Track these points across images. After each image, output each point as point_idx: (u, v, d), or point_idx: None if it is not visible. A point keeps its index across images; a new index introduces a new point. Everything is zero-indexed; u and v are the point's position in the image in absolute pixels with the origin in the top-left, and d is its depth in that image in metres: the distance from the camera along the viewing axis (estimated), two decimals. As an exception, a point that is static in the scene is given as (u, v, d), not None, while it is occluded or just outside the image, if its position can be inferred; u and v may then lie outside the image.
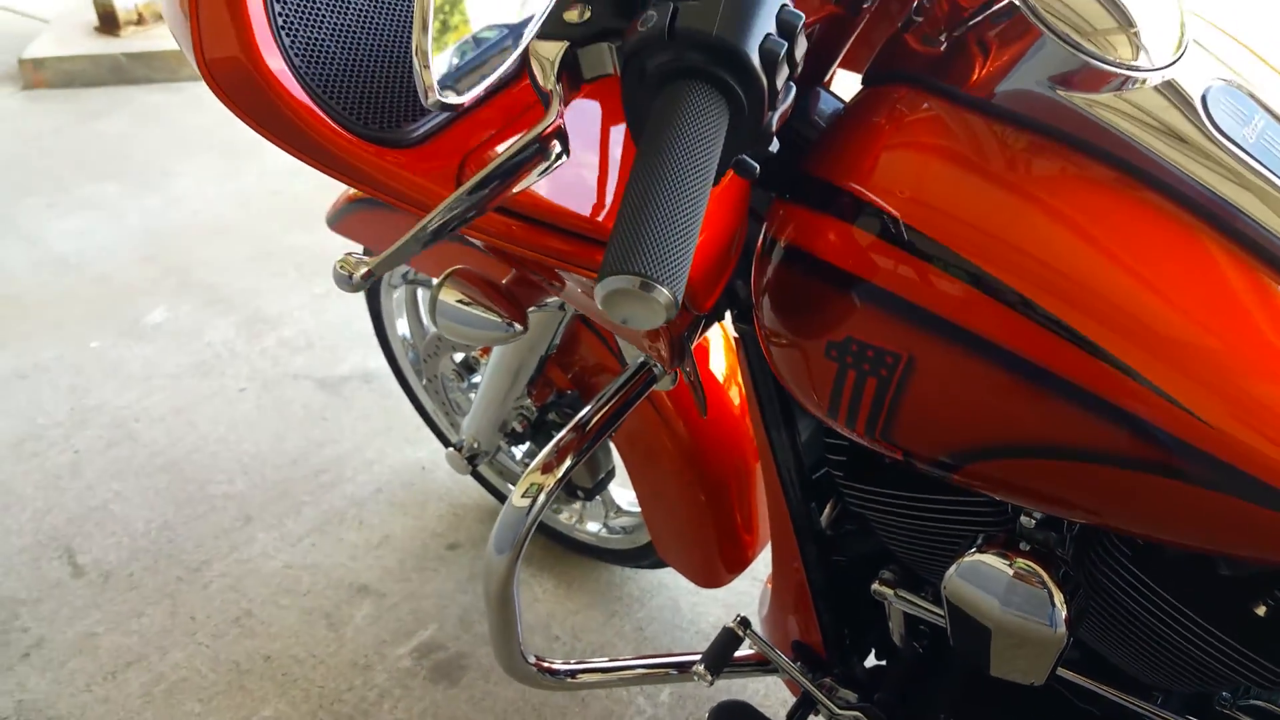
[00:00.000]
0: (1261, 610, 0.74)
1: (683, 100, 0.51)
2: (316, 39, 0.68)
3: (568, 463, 0.97)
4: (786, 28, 0.54)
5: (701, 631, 1.67)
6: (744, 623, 1.17)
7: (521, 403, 1.38)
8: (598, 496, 1.55)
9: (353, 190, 1.36)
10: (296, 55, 0.66)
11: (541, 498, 0.97)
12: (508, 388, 1.31)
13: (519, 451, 1.73)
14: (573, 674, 1.17)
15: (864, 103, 0.76)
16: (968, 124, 0.70)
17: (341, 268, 0.64)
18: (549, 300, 0.97)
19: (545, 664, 1.13)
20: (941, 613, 0.88)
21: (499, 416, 1.37)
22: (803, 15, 0.54)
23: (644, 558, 1.66)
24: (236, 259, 2.66)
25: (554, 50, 0.59)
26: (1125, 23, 0.75)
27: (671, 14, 0.52)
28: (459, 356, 1.56)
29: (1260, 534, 0.63)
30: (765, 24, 0.53)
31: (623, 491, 1.62)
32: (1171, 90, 0.72)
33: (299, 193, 2.99)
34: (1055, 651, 0.78)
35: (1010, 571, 0.77)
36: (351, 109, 0.68)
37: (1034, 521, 0.80)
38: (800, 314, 0.76)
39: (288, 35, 0.66)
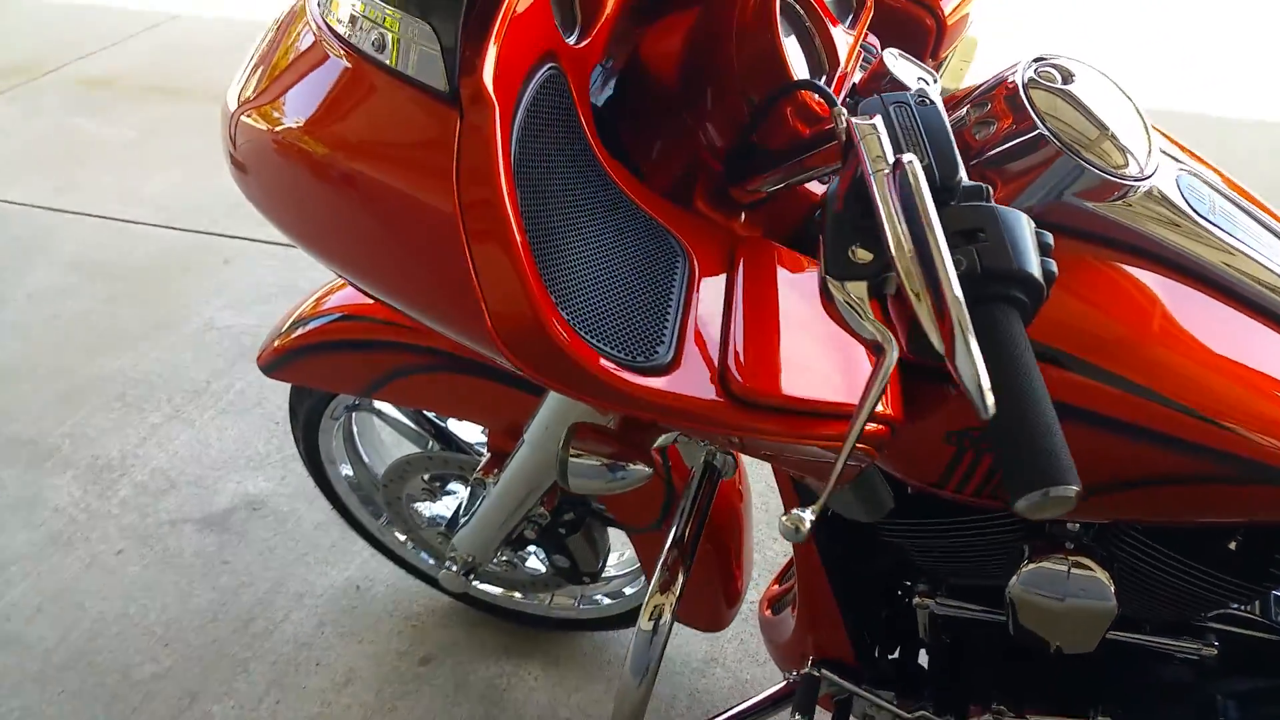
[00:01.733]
0: (1234, 545, 0.98)
1: (1001, 328, 0.63)
2: (573, 283, 0.70)
3: (680, 578, 1.05)
4: (1046, 248, 0.66)
5: (695, 668, 1.76)
6: (818, 664, 1.28)
7: (536, 511, 1.38)
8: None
9: (300, 330, 1.38)
10: (563, 304, 0.68)
11: (667, 616, 1.06)
12: (522, 502, 1.31)
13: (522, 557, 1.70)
14: None
15: None
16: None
17: (789, 522, 0.68)
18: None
19: None
20: (982, 610, 1.11)
21: (508, 530, 1.37)
22: (1050, 234, 0.67)
23: (623, 623, 1.72)
24: (44, 402, 2.42)
25: (860, 289, 0.67)
26: (1105, 130, 0.89)
27: (978, 255, 0.64)
28: (428, 475, 1.55)
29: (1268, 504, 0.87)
30: (1034, 249, 0.65)
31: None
32: (1160, 188, 0.89)
33: (81, 311, 2.74)
34: (1108, 622, 0.99)
35: (1068, 570, 0.97)
36: (615, 344, 0.71)
37: (1076, 526, 0.98)
38: (920, 408, 0.86)
39: (551, 286, 0.68)
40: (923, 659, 1.31)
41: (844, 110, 0.74)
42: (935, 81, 0.91)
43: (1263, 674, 1.10)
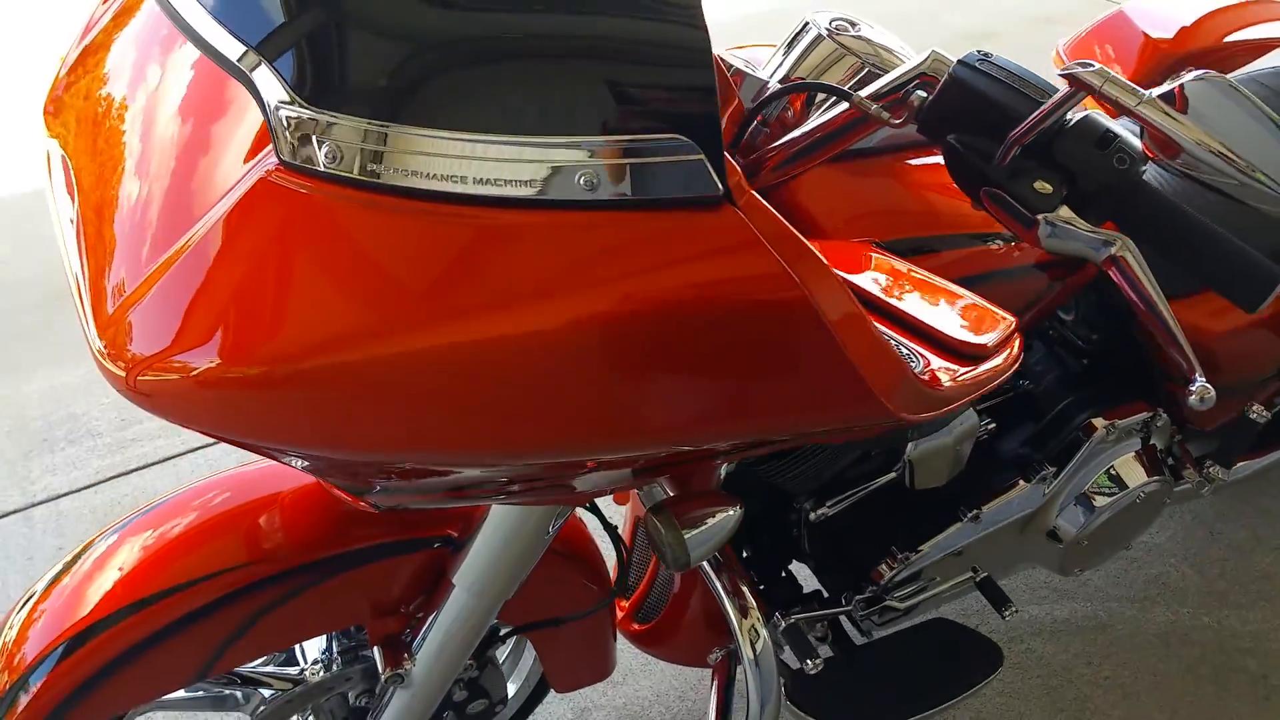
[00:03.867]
0: None
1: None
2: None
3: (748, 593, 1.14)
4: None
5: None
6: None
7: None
8: None
9: (55, 667, 1.01)
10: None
11: (763, 633, 1.13)
12: (461, 658, 1.14)
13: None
14: None
15: None
16: None
17: None
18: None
19: None
20: (858, 493, 1.27)
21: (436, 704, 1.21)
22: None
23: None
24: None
25: (1067, 212, 0.88)
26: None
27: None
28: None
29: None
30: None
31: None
32: None
33: None
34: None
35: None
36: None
37: None
38: None
39: None
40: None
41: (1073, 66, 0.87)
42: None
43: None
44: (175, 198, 0.64)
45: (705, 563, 1.12)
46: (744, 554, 1.34)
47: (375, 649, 1.13)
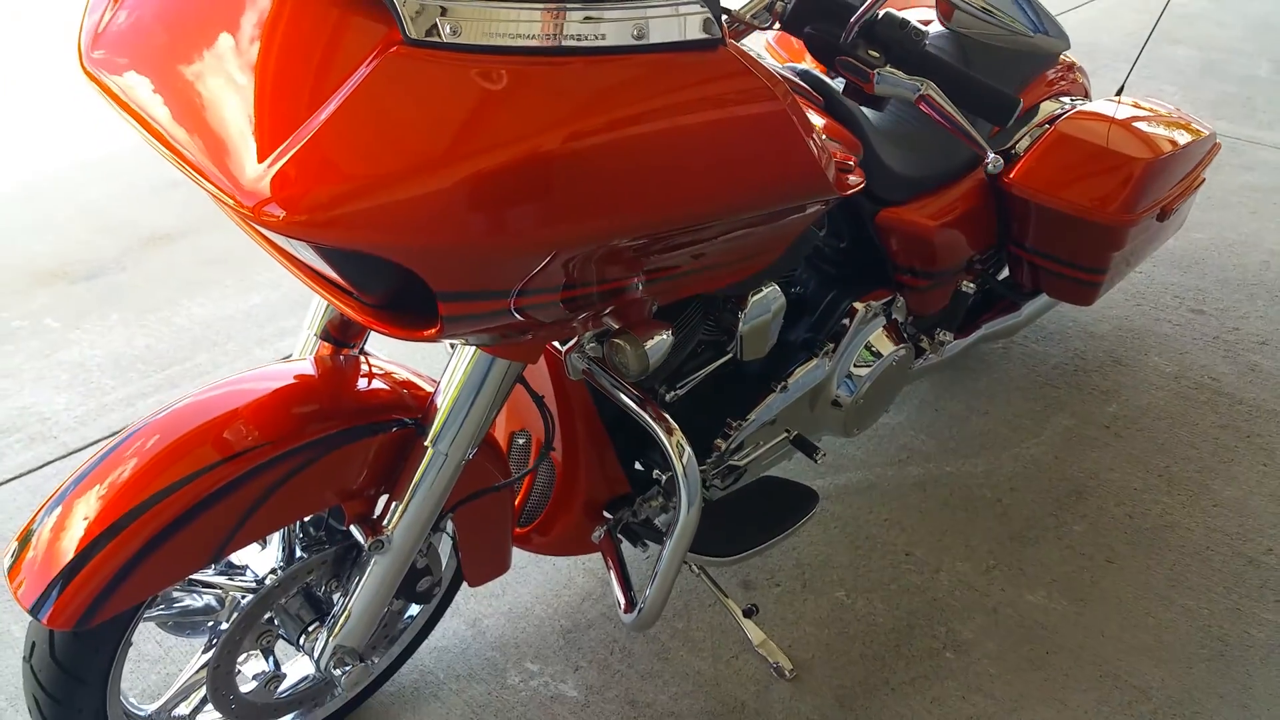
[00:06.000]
0: None
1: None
2: None
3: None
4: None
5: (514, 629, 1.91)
6: (610, 509, 1.64)
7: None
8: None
9: (103, 549, 1.17)
10: None
11: (688, 449, 1.41)
12: (433, 516, 1.37)
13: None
14: None
15: None
16: None
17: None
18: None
19: None
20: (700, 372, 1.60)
21: (401, 578, 1.41)
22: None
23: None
24: None
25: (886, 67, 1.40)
26: None
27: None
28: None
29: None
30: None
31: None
32: None
33: None
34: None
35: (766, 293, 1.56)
36: None
37: None
38: None
39: None
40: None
41: None
42: None
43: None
44: (309, 76, 0.89)
45: (631, 398, 1.41)
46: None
47: (352, 526, 1.35)
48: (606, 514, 1.64)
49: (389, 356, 1.46)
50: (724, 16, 1.15)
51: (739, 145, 1.03)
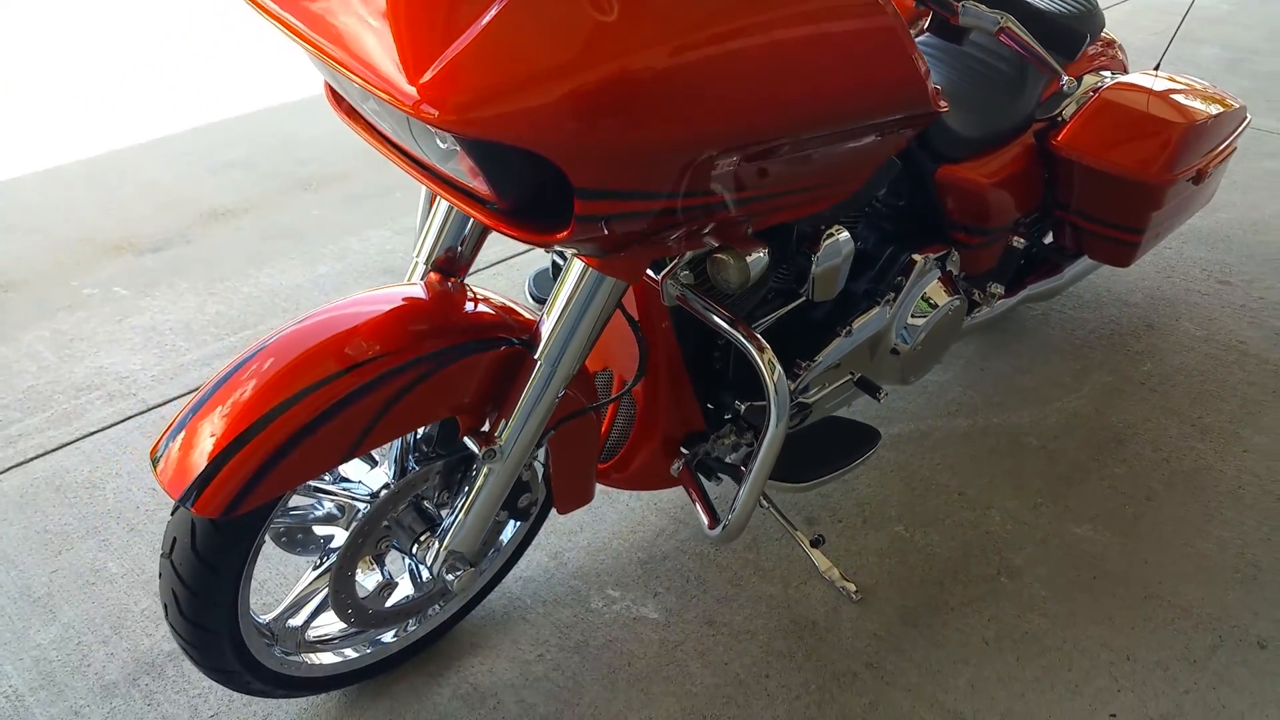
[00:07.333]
0: None
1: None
2: None
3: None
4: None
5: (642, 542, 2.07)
6: (686, 444, 1.80)
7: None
8: None
9: (249, 443, 1.31)
10: None
11: (780, 367, 1.54)
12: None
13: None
14: None
15: None
16: None
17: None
18: None
19: None
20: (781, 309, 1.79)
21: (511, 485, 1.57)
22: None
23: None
24: None
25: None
26: None
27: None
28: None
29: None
30: None
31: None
32: None
33: None
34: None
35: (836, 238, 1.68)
36: None
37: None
38: None
39: None
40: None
41: None
42: None
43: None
44: None
45: (724, 319, 1.55)
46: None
47: (466, 437, 1.50)
48: (683, 450, 1.80)
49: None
50: None
51: (857, 54, 1.21)
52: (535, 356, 1.46)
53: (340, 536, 1.61)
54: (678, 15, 1.06)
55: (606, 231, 1.21)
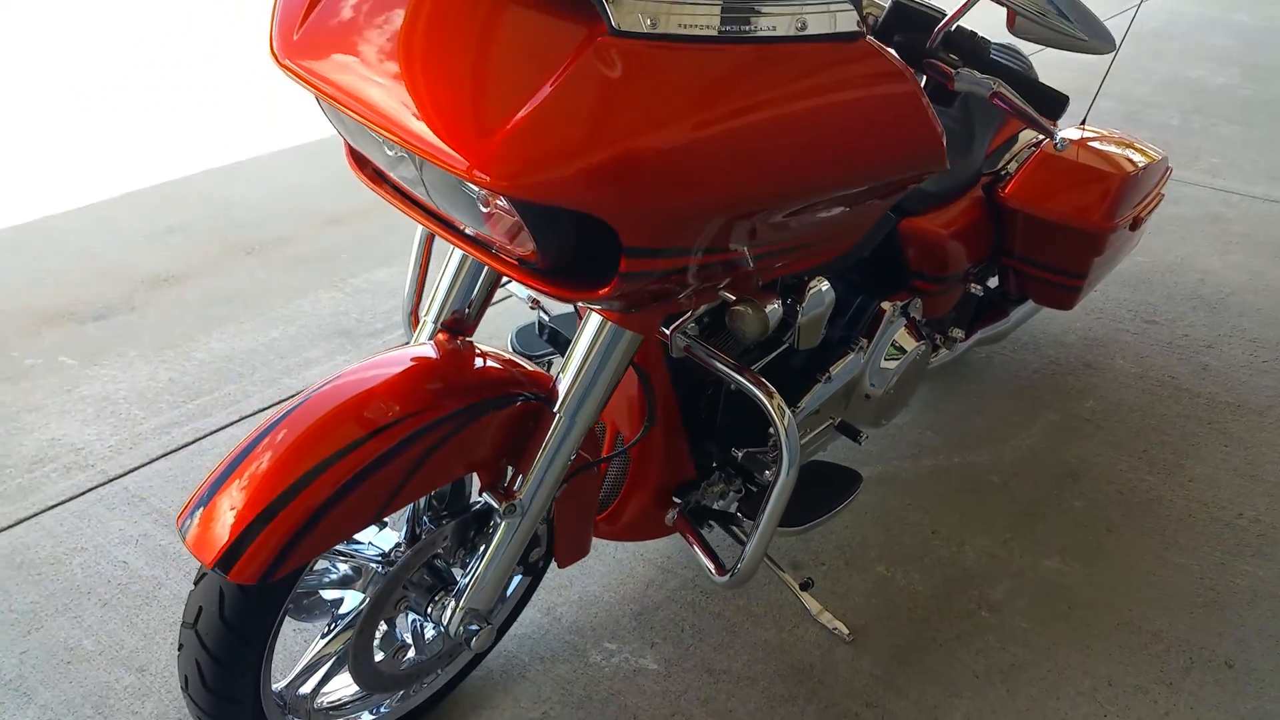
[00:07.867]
0: None
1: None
2: None
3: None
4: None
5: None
6: (678, 494, 1.86)
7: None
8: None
9: (280, 513, 1.33)
10: None
11: (790, 412, 1.60)
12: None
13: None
14: None
15: None
16: None
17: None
18: None
19: None
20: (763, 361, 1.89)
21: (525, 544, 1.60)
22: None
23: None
24: None
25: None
26: None
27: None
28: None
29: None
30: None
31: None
32: None
33: None
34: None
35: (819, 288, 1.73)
36: None
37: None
38: None
39: None
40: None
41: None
42: None
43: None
44: (523, 62, 1.11)
45: (731, 367, 1.62)
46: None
47: (484, 493, 1.53)
48: (675, 499, 1.85)
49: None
50: None
51: (888, 119, 1.30)
52: (554, 410, 1.50)
53: (349, 600, 1.62)
54: (728, 86, 1.14)
55: (650, 286, 1.27)
